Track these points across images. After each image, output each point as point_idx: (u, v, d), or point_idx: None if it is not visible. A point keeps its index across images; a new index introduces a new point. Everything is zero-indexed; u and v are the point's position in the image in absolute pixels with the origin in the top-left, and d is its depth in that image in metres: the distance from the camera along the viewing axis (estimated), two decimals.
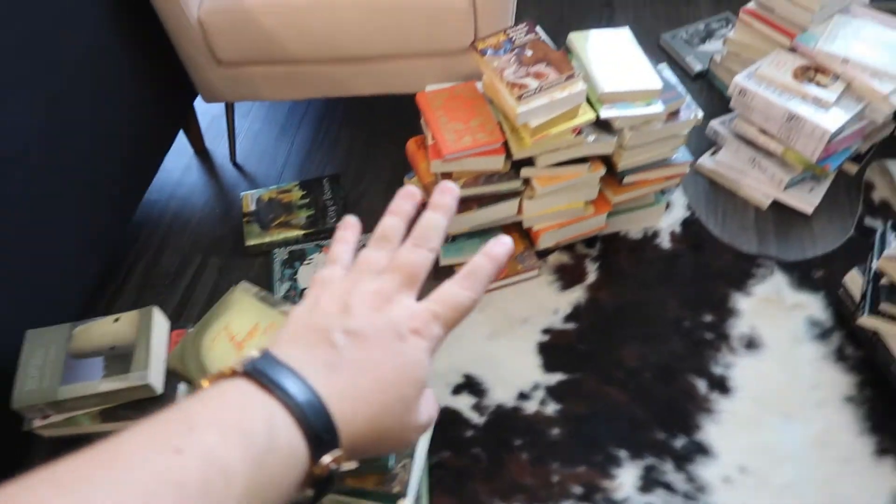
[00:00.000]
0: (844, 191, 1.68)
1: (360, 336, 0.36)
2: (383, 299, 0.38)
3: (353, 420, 0.33)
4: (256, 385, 0.32)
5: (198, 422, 0.30)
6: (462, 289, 0.39)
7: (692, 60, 1.97)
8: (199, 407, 0.31)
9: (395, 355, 0.36)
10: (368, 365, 0.35)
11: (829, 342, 1.42)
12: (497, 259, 0.41)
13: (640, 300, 1.51)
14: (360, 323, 0.36)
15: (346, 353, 0.35)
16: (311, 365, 0.34)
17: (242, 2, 1.43)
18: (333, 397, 0.33)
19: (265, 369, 0.32)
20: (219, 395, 0.32)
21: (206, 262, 1.65)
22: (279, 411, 0.31)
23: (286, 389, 0.32)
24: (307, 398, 0.32)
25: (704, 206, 1.67)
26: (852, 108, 1.51)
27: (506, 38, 1.38)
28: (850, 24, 1.60)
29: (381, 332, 0.36)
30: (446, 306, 0.39)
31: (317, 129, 1.91)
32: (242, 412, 0.31)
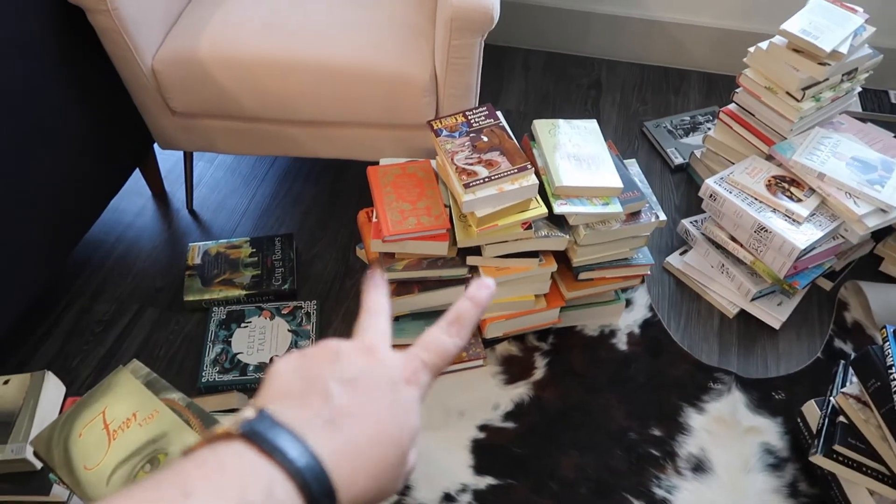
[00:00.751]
0: (816, 308, 1.60)
1: (356, 385, 0.35)
2: (369, 350, 0.37)
3: (352, 480, 0.32)
4: (255, 449, 0.31)
5: (194, 488, 0.28)
6: (448, 336, 0.40)
7: (673, 152, 1.92)
8: (195, 471, 0.29)
9: (392, 405, 0.35)
10: (367, 417, 0.34)
11: (783, 475, 1.32)
12: (481, 303, 0.41)
13: (587, 405, 1.42)
14: (355, 371, 0.35)
15: (343, 405, 0.34)
16: (308, 424, 0.33)
17: (197, 54, 1.39)
18: (333, 458, 0.32)
19: (263, 432, 0.31)
20: (215, 458, 0.30)
21: (142, 314, 1.57)
22: (278, 477, 0.30)
23: (286, 454, 0.30)
24: (307, 462, 0.31)
25: (668, 308, 1.59)
26: (825, 226, 1.44)
27: (464, 120, 1.33)
28: (830, 138, 1.55)
29: (377, 380, 0.36)
30: (433, 353, 0.39)
31: (280, 184, 1.85)
32: (240, 479, 0.29)
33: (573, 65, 2.25)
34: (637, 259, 1.42)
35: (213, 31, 1.43)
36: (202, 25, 1.45)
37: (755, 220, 1.45)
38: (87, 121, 1.44)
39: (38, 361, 1.47)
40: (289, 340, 1.47)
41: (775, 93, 1.54)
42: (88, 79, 1.42)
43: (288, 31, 1.43)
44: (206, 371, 1.41)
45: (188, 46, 1.41)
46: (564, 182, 1.29)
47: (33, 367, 1.46)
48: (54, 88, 1.34)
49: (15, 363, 1.47)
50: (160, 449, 0.86)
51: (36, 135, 1.31)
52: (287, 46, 1.40)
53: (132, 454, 0.85)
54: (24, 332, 1.52)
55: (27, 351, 1.49)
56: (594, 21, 2.19)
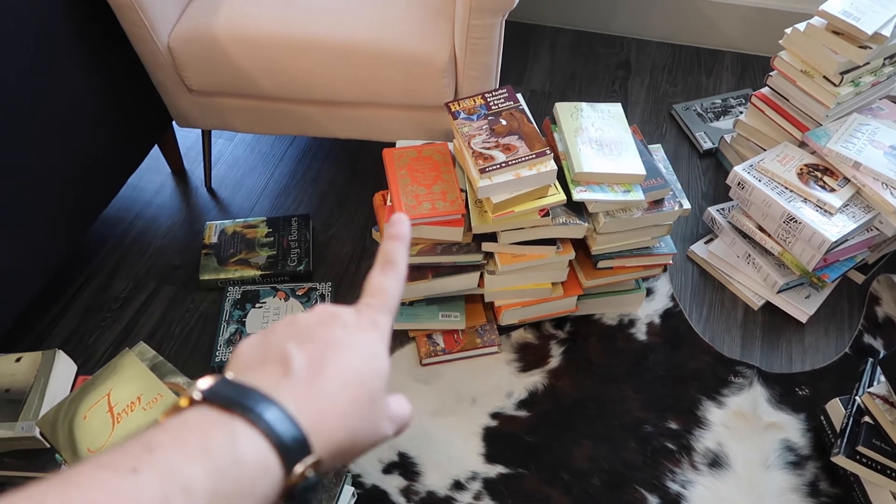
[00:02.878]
0: (846, 302, 1.54)
1: (311, 340, 0.35)
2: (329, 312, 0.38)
3: (322, 423, 0.33)
4: (215, 408, 0.31)
5: (156, 443, 0.29)
6: (385, 276, 0.41)
7: (703, 137, 1.86)
8: (159, 432, 0.30)
9: (350, 349, 0.36)
10: (326, 366, 0.34)
11: (803, 473, 1.29)
12: (402, 236, 0.42)
13: (602, 395, 1.39)
14: (307, 330, 0.36)
15: (301, 361, 0.34)
16: (269, 381, 0.33)
17: (213, 32, 1.37)
18: (299, 404, 0.32)
19: (223, 391, 0.32)
20: (178, 420, 0.31)
21: (159, 291, 1.58)
22: (242, 427, 0.30)
23: (246, 405, 0.31)
24: (269, 409, 0.31)
25: (690, 298, 1.55)
26: (859, 218, 1.38)
27: (482, 102, 1.29)
28: (868, 125, 1.48)
29: (330, 331, 0.36)
30: (382, 296, 0.40)
31: (298, 164, 1.84)
32: (203, 430, 0.30)
33: (601, 44, 2.19)
34: (659, 248, 1.38)
35: (230, 9, 1.41)
36: (218, 3, 1.43)
37: (784, 209, 1.40)
38: (104, 98, 1.44)
39: (56, 338, 1.49)
40: None
41: (812, 77, 1.47)
42: (105, 56, 1.41)
43: (305, 10, 1.40)
44: (220, 351, 1.41)
45: (204, 24, 1.39)
46: (585, 168, 1.25)
47: (50, 344, 1.47)
48: (71, 66, 1.33)
49: (32, 339, 1.49)
50: None
51: (53, 112, 1.31)
52: (304, 25, 1.38)
53: None
54: (43, 308, 1.54)
55: (45, 327, 1.51)
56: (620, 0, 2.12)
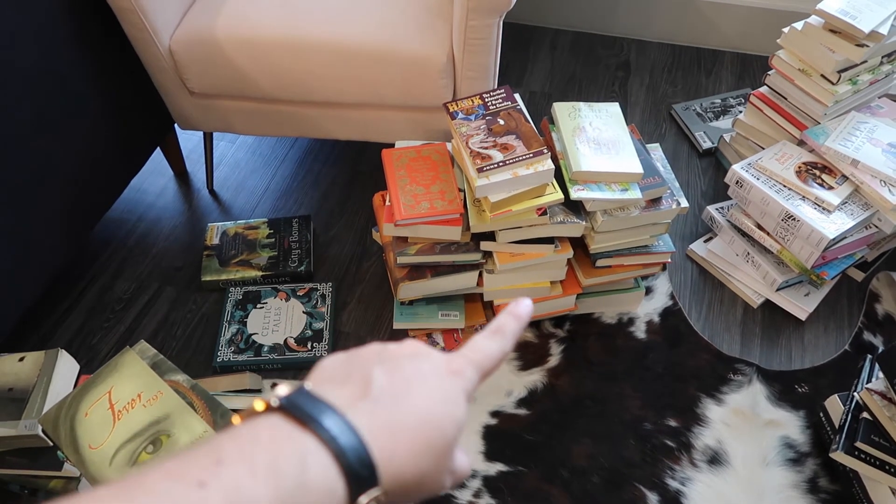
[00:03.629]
0: (846, 299, 1.54)
1: (399, 370, 0.35)
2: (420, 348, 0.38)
3: (393, 456, 0.32)
4: (291, 420, 0.31)
5: (226, 456, 0.28)
6: (489, 340, 0.40)
7: (702, 136, 1.86)
8: (229, 442, 0.29)
9: (435, 391, 0.35)
10: (409, 399, 0.34)
11: (803, 470, 1.29)
12: (521, 317, 0.42)
13: (602, 393, 1.40)
14: (396, 360, 0.36)
15: (384, 387, 0.34)
16: (348, 399, 0.33)
17: (213, 35, 1.38)
18: (373, 433, 0.31)
19: (300, 403, 0.31)
20: (250, 430, 0.30)
21: (161, 293, 1.59)
22: (314, 446, 0.30)
23: (322, 423, 0.30)
24: (344, 433, 0.30)
25: (689, 297, 1.55)
26: (857, 215, 1.38)
27: (480, 102, 1.30)
28: (866, 123, 1.48)
29: (420, 367, 0.36)
30: (479, 353, 0.39)
31: (300, 166, 1.85)
32: (273, 448, 0.29)
33: (601, 45, 2.20)
34: (657, 246, 1.38)
35: (230, 12, 1.42)
36: (219, 6, 1.44)
37: (783, 207, 1.40)
38: (106, 100, 1.45)
39: (60, 338, 1.50)
40: (304, 322, 1.48)
41: (810, 75, 1.48)
42: (107, 59, 1.43)
43: (305, 12, 1.41)
44: (222, 351, 1.43)
45: (205, 27, 1.41)
46: (582, 167, 1.26)
47: (55, 344, 1.49)
48: (72, 68, 1.35)
49: (37, 339, 1.50)
50: (163, 430, 0.87)
51: (54, 114, 1.32)
52: (303, 27, 1.39)
53: (136, 434, 0.86)
54: (47, 309, 1.56)
55: (49, 327, 1.52)
56: (620, 1, 2.13)
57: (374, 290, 1.57)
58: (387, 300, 1.55)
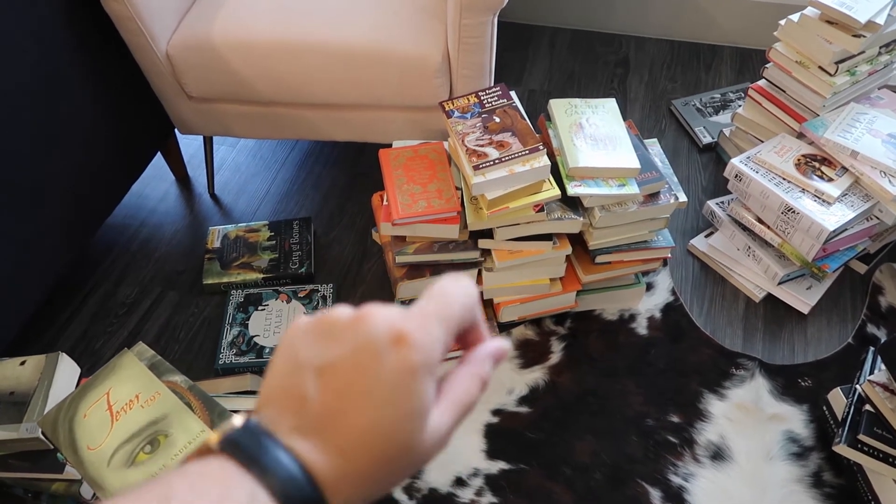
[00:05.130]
0: (849, 292, 1.53)
1: (331, 375, 0.31)
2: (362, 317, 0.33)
3: (340, 481, 0.30)
4: (236, 463, 0.30)
5: (175, 494, 0.28)
6: (453, 280, 0.34)
7: (702, 131, 1.86)
8: (179, 481, 0.29)
9: (375, 395, 0.31)
10: (346, 419, 0.31)
11: (807, 464, 1.28)
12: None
13: (604, 390, 1.39)
14: (333, 354, 0.32)
15: (319, 407, 0.31)
16: (288, 428, 0.31)
17: (210, 39, 1.39)
18: (317, 464, 0.30)
19: (243, 443, 0.30)
20: (200, 469, 0.30)
21: (163, 297, 1.60)
22: (259, 492, 0.29)
23: (263, 464, 0.30)
24: (288, 474, 0.29)
25: (691, 292, 1.55)
26: (858, 207, 1.38)
27: (476, 100, 1.30)
28: (866, 114, 1.47)
29: (356, 356, 0.31)
30: (439, 298, 0.33)
31: (300, 168, 1.86)
32: (222, 491, 0.29)
33: (600, 42, 2.19)
34: (657, 241, 1.38)
35: (227, 16, 1.43)
36: (215, 10, 1.45)
37: (783, 200, 1.39)
38: (105, 106, 1.46)
39: (64, 343, 1.51)
40: None
41: (807, 67, 1.47)
42: (105, 65, 1.44)
43: (300, 14, 1.42)
44: (224, 353, 1.43)
45: (202, 32, 1.42)
46: (579, 163, 1.26)
47: (59, 349, 1.50)
48: (71, 75, 1.36)
49: (42, 345, 1.51)
50: (161, 430, 0.87)
51: (54, 121, 1.34)
52: (299, 29, 1.39)
53: (133, 435, 0.86)
54: (51, 314, 1.57)
55: (53, 333, 1.53)
56: None
57: (375, 290, 1.57)
58: (388, 300, 1.55)
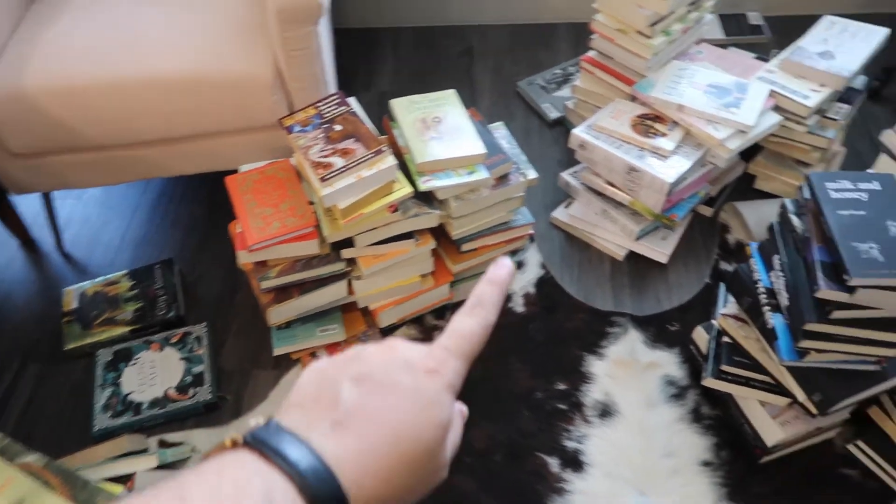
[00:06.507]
0: (700, 235, 1.64)
1: (368, 382, 0.33)
2: (390, 347, 0.36)
3: (364, 479, 0.31)
4: (257, 455, 0.30)
5: (189, 493, 0.28)
6: (471, 317, 0.38)
7: (548, 108, 1.93)
8: (194, 479, 0.29)
9: (409, 399, 0.33)
10: (380, 414, 0.32)
11: (685, 402, 1.36)
12: (501, 282, 0.40)
13: (491, 373, 1.42)
14: (368, 367, 0.34)
15: (353, 405, 0.32)
16: (315, 427, 0.31)
17: (24, 90, 1.31)
18: (342, 459, 0.30)
19: (265, 438, 0.31)
20: (216, 467, 0.30)
21: (24, 371, 1.49)
22: (279, 481, 0.29)
23: (286, 457, 0.30)
24: (310, 464, 0.30)
25: (559, 263, 1.61)
26: (692, 156, 1.47)
27: (315, 112, 1.29)
28: (686, 69, 1.58)
29: (391, 374, 0.34)
30: (458, 337, 0.37)
31: (155, 209, 1.78)
32: (238, 484, 0.29)
33: (443, 36, 2.23)
34: (517, 220, 1.42)
35: (39, 62, 1.35)
36: (26, 57, 1.36)
37: (624, 161, 1.47)
38: None
39: None
40: (182, 369, 1.42)
41: (627, 33, 1.55)
42: None
43: (117, 49, 1.35)
44: (98, 419, 1.35)
45: (13, 84, 1.32)
46: (426, 157, 1.27)
47: None
48: None
49: None
50: None
51: None
52: (118, 65, 1.33)
53: None
54: None
55: None
56: None
57: (250, 320, 1.53)
58: (265, 328, 1.51)
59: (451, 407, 0.35)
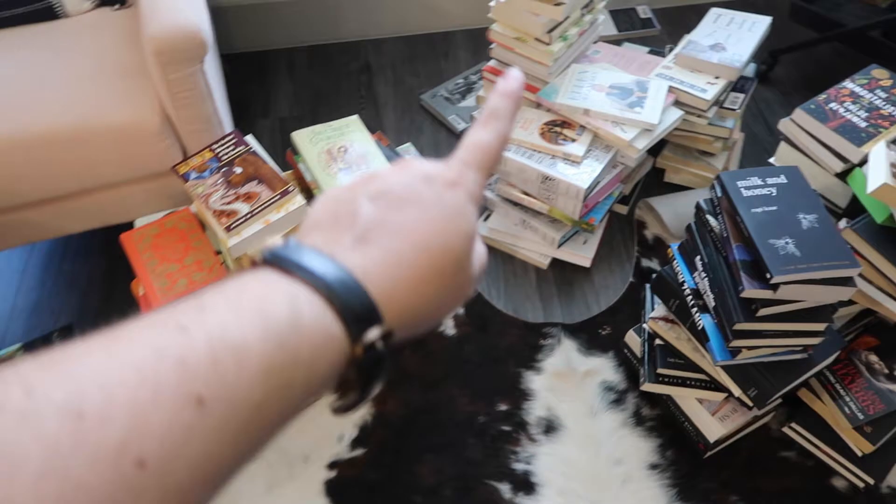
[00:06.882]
0: (619, 235, 1.65)
1: (388, 196, 0.32)
2: (405, 164, 0.35)
3: (394, 289, 0.30)
4: (278, 271, 0.29)
5: (210, 303, 0.26)
6: (486, 130, 0.37)
7: (455, 119, 1.90)
8: (214, 292, 0.27)
9: (433, 208, 0.32)
10: (404, 225, 0.31)
11: (625, 407, 1.36)
12: (512, 93, 0.39)
13: (431, 403, 1.38)
14: (386, 183, 0.33)
15: (375, 220, 0.31)
16: (338, 244, 0.31)
17: None
18: (369, 271, 0.30)
19: (285, 254, 0.30)
20: (236, 283, 0.28)
21: None
22: (303, 291, 0.28)
23: (308, 268, 0.29)
24: (334, 272, 0.29)
25: (485, 278, 1.58)
26: (603, 159, 1.47)
27: (211, 155, 1.21)
28: (587, 72, 1.58)
29: (412, 186, 0.33)
30: (474, 149, 0.36)
31: (46, 271, 1.63)
32: (260, 294, 0.27)
33: (338, 52, 2.16)
34: None
35: None
36: None
37: (538, 171, 1.46)
38: None
39: None
40: None
41: (525, 41, 1.54)
42: None
43: None
44: None
45: None
46: None
47: None
48: None
49: None
50: None
51: None
52: None
53: None
54: None
55: None
56: (344, 5, 2.11)
57: None
58: None
59: (475, 217, 0.35)
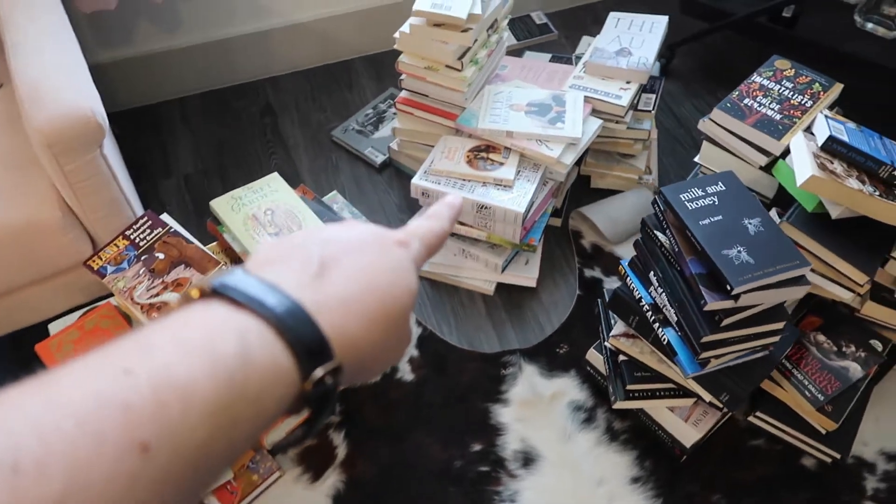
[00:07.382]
0: (558, 249, 1.65)
1: (340, 243, 0.33)
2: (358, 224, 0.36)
3: (345, 327, 0.30)
4: (226, 302, 0.28)
5: (156, 343, 0.26)
6: (429, 221, 0.39)
7: (372, 152, 1.84)
8: (158, 329, 0.27)
9: (383, 258, 0.33)
10: (356, 268, 0.32)
11: (597, 423, 1.35)
12: (453, 205, 0.41)
13: (400, 456, 1.32)
14: (338, 234, 0.34)
15: (328, 260, 0.31)
16: (288, 278, 0.30)
17: None
18: (321, 304, 0.29)
19: (235, 285, 0.28)
20: (182, 317, 0.27)
21: None
22: (254, 324, 0.27)
23: (259, 300, 0.28)
24: (285, 305, 0.28)
25: (433, 314, 1.54)
26: (534, 178, 1.46)
27: (127, 243, 1.10)
28: (501, 92, 1.56)
29: (362, 238, 0.34)
30: (420, 228, 0.38)
31: None
32: (207, 331, 0.27)
33: (234, 96, 2.05)
34: None
35: None
36: None
37: (471, 200, 1.42)
38: None
39: None
40: None
41: (437, 70, 1.51)
42: None
43: None
44: None
45: None
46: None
47: None
48: None
49: None
50: None
51: None
52: None
53: None
54: None
55: None
56: (233, 46, 2.00)
57: None
58: None
59: (416, 280, 0.35)
